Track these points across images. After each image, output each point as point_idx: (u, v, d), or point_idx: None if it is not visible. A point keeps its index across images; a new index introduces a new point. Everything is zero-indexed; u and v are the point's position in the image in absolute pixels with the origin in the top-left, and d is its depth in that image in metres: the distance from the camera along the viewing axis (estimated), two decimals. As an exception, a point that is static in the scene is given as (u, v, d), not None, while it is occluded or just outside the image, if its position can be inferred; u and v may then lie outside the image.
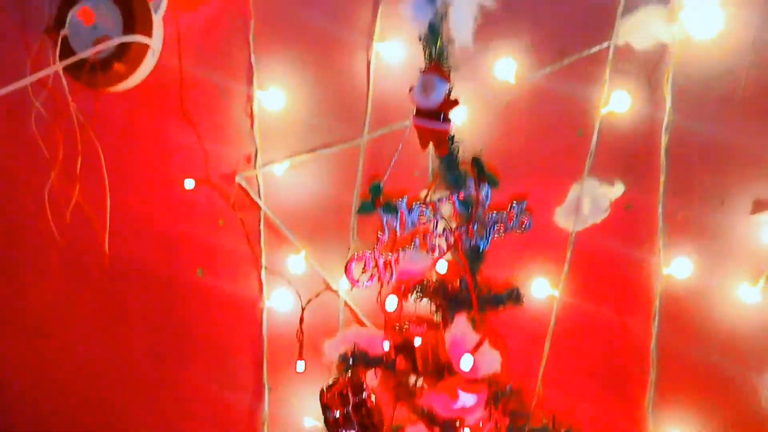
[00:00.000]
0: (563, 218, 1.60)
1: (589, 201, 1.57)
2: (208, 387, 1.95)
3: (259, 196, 1.77)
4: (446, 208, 1.13)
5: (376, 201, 1.07)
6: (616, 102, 1.53)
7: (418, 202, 1.09)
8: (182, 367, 1.96)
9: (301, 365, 1.48)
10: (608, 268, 1.63)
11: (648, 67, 1.52)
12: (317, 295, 1.56)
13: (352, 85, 1.68)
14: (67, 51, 1.62)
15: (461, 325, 1.11)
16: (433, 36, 1.00)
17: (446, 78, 1.02)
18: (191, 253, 1.87)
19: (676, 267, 1.56)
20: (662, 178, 1.54)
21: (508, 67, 1.55)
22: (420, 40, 1.00)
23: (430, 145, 1.06)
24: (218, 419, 1.97)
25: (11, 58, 1.80)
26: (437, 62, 1.01)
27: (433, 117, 1.03)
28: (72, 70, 1.61)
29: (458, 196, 1.12)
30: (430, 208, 1.10)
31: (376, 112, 1.67)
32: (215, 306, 1.89)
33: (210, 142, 1.78)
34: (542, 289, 1.64)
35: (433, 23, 0.98)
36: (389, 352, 1.15)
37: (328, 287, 1.75)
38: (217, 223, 1.81)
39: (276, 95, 1.71)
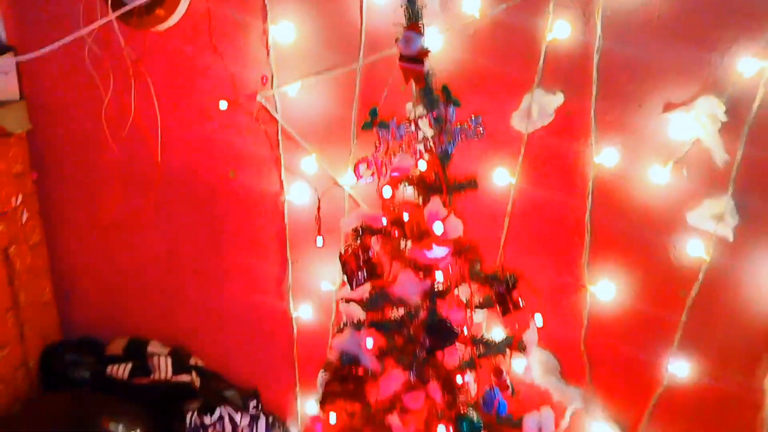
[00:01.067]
0: (518, 122, 1.85)
1: (537, 108, 1.81)
2: (244, 262, 2.21)
3: (277, 111, 2.02)
4: (424, 123, 1.39)
5: (374, 121, 1.36)
6: (559, 30, 1.74)
7: (404, 121, 1.37)
8: (222, 249, 2.22)
9: (320, 240, 1.78)
10: (553, 160, 1.85)
11: (583, 2, 1.73)
12: (329, 189, 1.89)
13: (348, 19, 1.88)
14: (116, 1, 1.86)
15: (435, 204, 1.37)
16: (411, 3, 1.28)
17: (421, 33, 1.29)
18: (224, 159, 2.12)
19: (604, 157, 1.79)
20: (594, 89, 1.76)
21: (473, 4, 1.78)
22: (402, 6, 1.32)
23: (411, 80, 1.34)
24: (253, 286, 2.22)
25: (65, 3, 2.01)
26: (415, 22, 1.29)
27: (413, 61, 1.31)
28: (122, 16, 1.86)
29: (433, 115, 1.38)
30: (413, 124, 1.38)
31: (369, 42, 1.89)
32: (245, 200, 2.14)
33: (235, 68, 1.99)
34: (502, 177, 1.89)
35: (411, -5, 1.28)
36: (387, 224, 1.42)
37: (336, 183, 2.01)
38: (243, 134, 2.06)
39: (287, 28, 1.92)
